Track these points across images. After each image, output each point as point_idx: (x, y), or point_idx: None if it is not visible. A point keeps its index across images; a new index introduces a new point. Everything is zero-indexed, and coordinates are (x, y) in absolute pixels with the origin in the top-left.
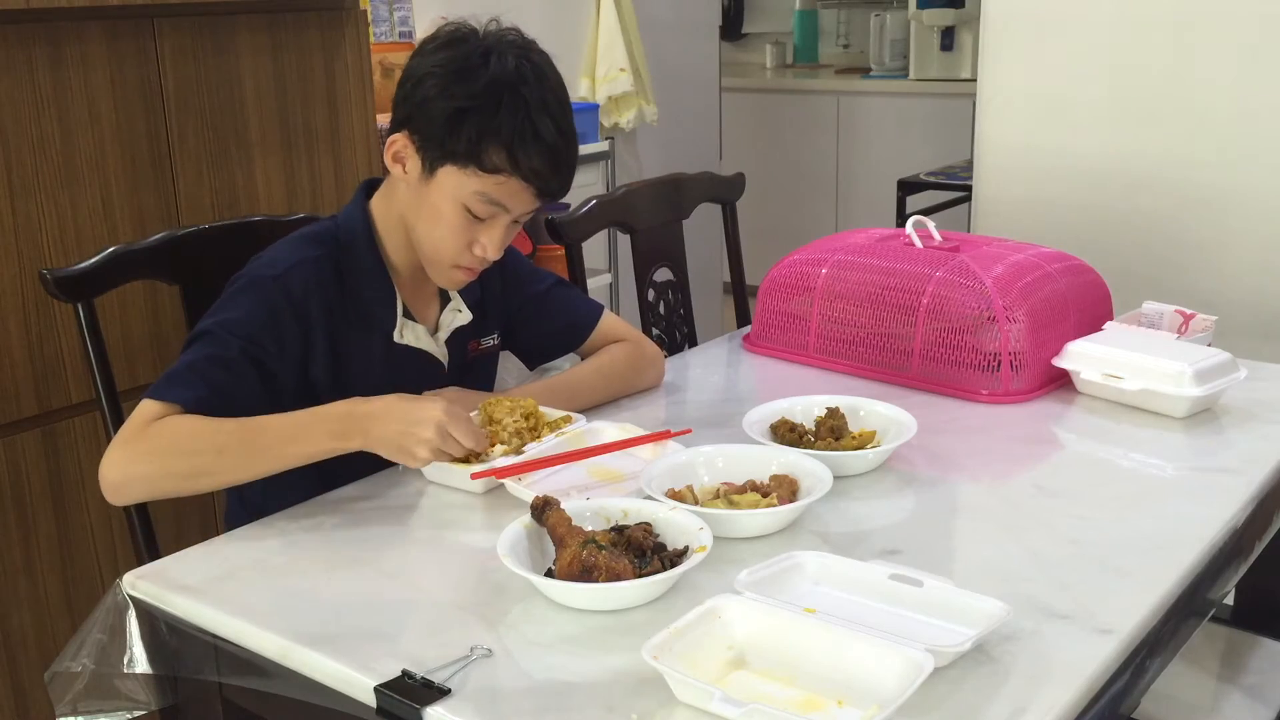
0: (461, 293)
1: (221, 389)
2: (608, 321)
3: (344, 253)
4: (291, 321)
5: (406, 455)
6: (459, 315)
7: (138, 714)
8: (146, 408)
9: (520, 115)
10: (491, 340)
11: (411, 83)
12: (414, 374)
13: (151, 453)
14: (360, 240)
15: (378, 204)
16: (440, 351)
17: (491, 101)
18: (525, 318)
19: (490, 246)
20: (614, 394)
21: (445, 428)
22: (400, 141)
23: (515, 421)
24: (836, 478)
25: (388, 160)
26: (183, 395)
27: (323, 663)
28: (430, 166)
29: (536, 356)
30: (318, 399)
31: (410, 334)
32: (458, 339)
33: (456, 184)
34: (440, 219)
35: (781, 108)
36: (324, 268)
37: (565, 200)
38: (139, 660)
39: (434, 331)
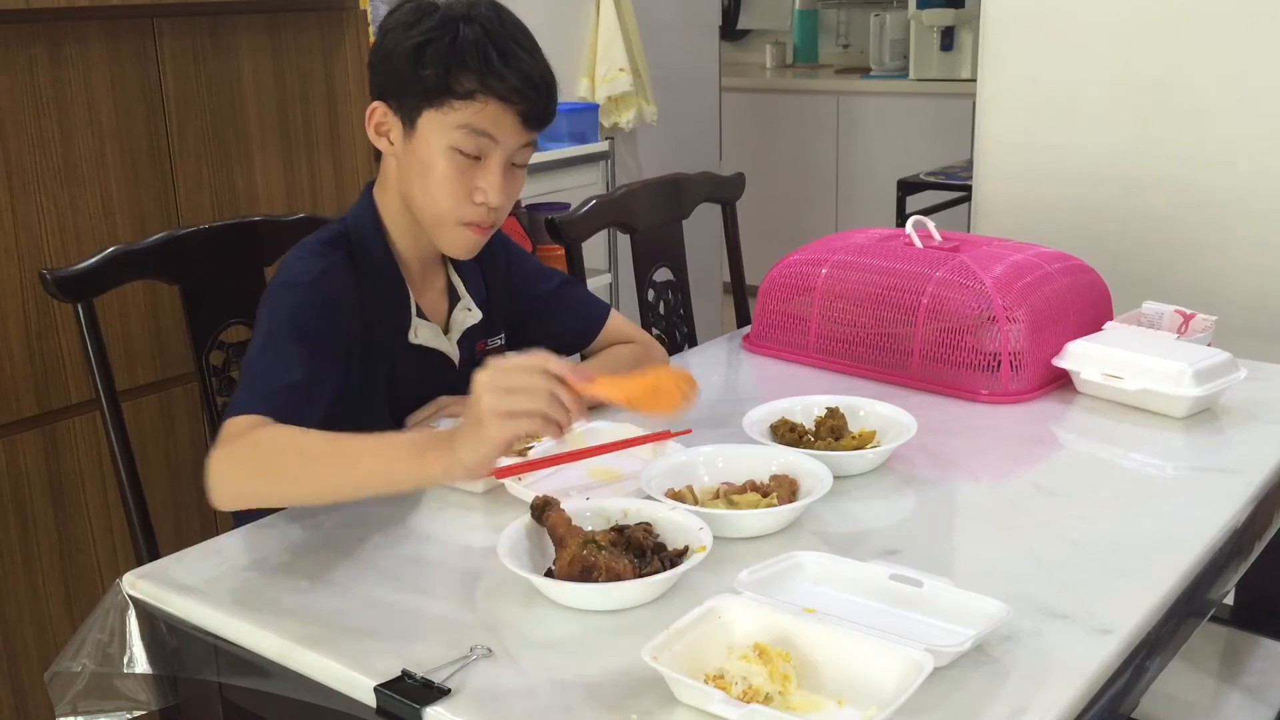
0: (468, 291)
1: (298, 388)
2: (615, 322)
3: (358, 253)
4: (337, 319)
5: (505, 420)
6: (469, 314)
7: (138, 714)
8: (233, 425)
9: (481, 39)
10: (499, 340)
11: (374, 50)
12: (427, 374)
13: (242, 454)
14: (371, 237)
15: (378, 196)
16: (452, 350)
17: (449, 31)
18: (532, 317)
19: (491, 191)
20: None
21: (553, 391)
22: (379, 110)
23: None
24: (836, 478)
25: (371, 136)
26: (263, 405)
27: (323, 663)
28: (410, 120)
29: None
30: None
31: (425, 333)
32: (467, 338)
33: (438, 126)
34: (433, 171)
35: (781, 108)
36: (344, 272)
37: (565, 200)
38: (139, 660)
39: (444, 330)
